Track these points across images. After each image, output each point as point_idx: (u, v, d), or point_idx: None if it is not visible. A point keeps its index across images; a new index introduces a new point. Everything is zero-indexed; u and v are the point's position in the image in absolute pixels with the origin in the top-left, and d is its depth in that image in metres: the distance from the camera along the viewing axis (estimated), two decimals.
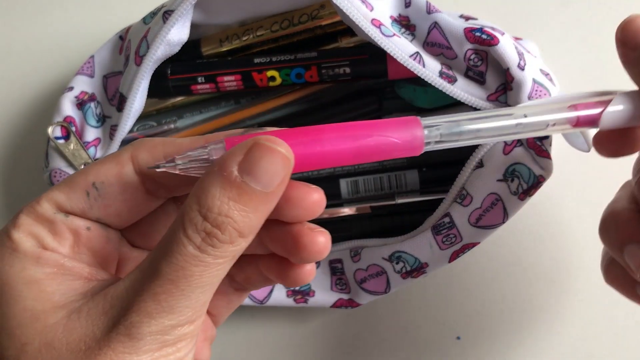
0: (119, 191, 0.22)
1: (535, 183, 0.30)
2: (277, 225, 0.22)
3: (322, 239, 0.22)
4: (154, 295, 0.19)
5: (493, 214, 0.31)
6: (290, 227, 0.22)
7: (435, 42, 0.30)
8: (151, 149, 0.22)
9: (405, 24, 0.32)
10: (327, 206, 0.36)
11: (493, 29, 0.29)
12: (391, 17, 0.31)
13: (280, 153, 0.19)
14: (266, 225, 0.20)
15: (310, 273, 0.24)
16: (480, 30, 0.29)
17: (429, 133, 0.22)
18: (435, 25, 0.30)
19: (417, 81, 0.33)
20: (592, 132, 0.26)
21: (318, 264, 0.37)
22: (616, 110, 0.24)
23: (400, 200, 0.36)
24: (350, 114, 0.36)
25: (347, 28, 0.34)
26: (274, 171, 0.19)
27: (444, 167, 0.36)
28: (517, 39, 0.33)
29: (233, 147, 0.19)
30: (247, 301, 0.36)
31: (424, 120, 0.22)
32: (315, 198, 0.21)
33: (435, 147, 0.22)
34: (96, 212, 0.22)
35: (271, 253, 0.24)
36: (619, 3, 0.41)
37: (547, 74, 0.30)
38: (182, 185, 0.22)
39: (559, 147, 0.30)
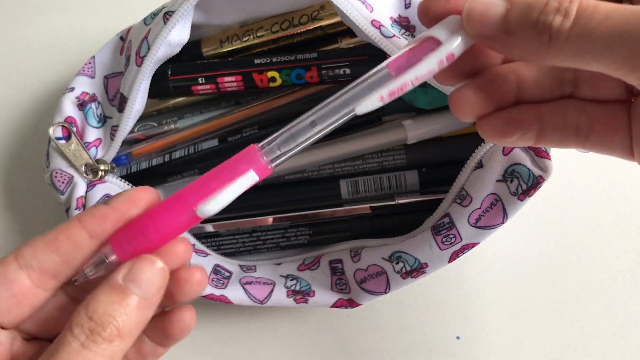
0: (5, 289, 0.23)
1: (535, 184, 0.30)
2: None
3: (197, 274, 0.25)
4: None
5: (492, 214, 0.31)
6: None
7: None
8: (31, 243, 0.23)
9: (405, 24, 0.32)
10: (327, 206, 0.37)
11: None
12: (391, 18, 0.31)
13: (159, 267, 0.23)
14: None
15: (191, 320, 0.26)
16: None
17: (270, 151, 0.23)
18: None
19: None
20: None
21: (318, 264, 0.37)
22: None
23: (400, 201, 0.36)
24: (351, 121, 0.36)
25: (347, 29, 0.34)
26: (153, 280, 0.23)
27: (443, 167, 0.36)
28: None
29: (123, 265, 0.23)
30: (247, 301, 0.36)
31: (260, 144, 0.23)
32: (198, 276, 0.25)
33: (286, 157, 0.23)
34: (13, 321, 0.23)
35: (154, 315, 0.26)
36: None
37: None
38: (65, 266, 0.23)
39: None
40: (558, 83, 0.23)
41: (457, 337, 0.40)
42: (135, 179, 0.36)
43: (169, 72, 0.35)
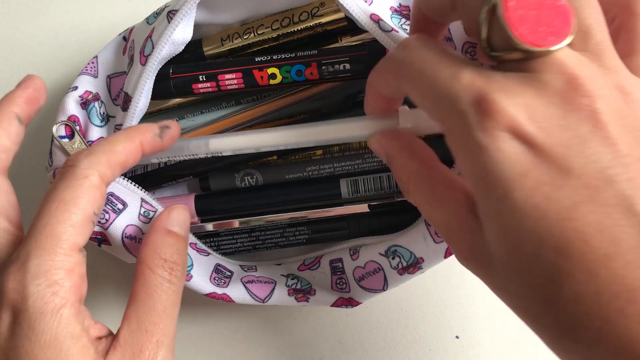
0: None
1: None
2: None
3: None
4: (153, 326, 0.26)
5: None
6: None
7: None
8: (110, 165, 0.27)
9: (406, 13, 0.32)
10: (328, 205, 0.37)
11: None
12: (391, 7, 0.32)
13: (189, 211, 0.31)
14: None
15: None
16: None
17: None
18: None
19: None
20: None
21: (318, 264, 0.38)
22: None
23: (399, 199, 0.36)
24: None
25: (347, 26, 0.35)
26: (185, 218, 0.30)
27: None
28: None
29: (160, 214, 0.30)
30: (248, 300, 0.36)
31: None
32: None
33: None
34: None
35: None
36: None
37: None
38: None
39: None
40: None
41: (457, 337, 0.40)
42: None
43: (170, 72, 0.35)
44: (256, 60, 0.34)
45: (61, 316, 0.23)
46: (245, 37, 0.36)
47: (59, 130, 0.34)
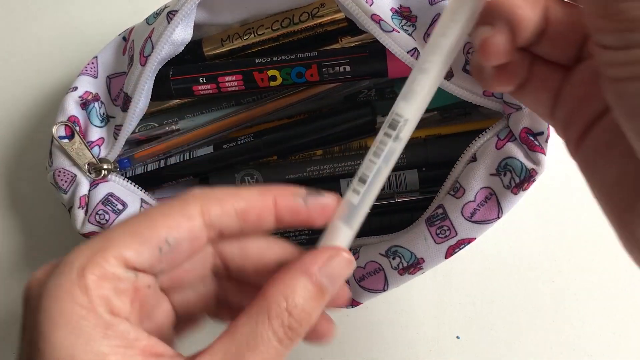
0: (189, 246, 0.22)
1: (528, 177, 0.30)
2: None
3: (325, 323, 0.24)
4: None
5: (487, 208, 0.31)
6: None
7: None
8: (221, 203, 0.22)
9: (406, 14, 0.32)
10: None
11: None
12: (392, 9, 0.32)
13: (352, 265, 0.23)
14: None
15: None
16: None
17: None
18: (440, 16, 0.31)
19: None
20: None
21: None
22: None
23: (399, 199, 0.36)
24: (344, 125, 0.36)
25: (347, 27, 0.35)
26: (343, 274, 0.23)
27: (443, 167, 0.36)
28: None
29: (316, 252, 0.22)
30: None
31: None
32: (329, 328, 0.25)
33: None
34: (163, 265, 0.22)
35: None
36: None
37: None
38: (238, 234, 0.23)
39: (559, 146, 0.31)
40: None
41: (457, 337, 0.40)
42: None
43: (171, 73, 0.35)
44: (256, 62, 0.34)
45: None
46: (245, 38, 0.36)
47: (58, 130, 0.34)
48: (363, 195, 0.23)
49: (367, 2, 0.30)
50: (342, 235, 0.23)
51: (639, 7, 0.16)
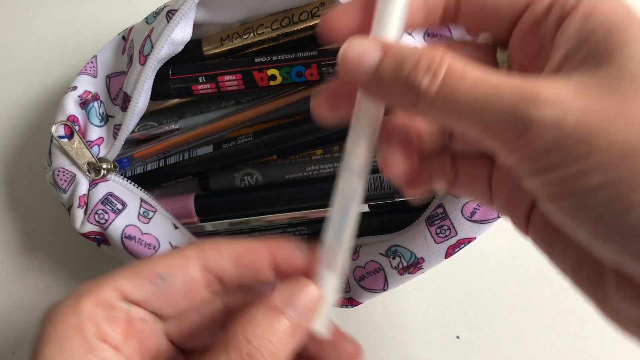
0: (183, 284, 0.23)
1: None
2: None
3: (351, 348, 0.25)
4: None
5: (488, 208, 0.31)
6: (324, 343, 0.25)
7: (436, 32, 0.31)
8: (217, 247, 0.24)
9: None
10: (328, 205, 0.37)
11: None
12: None
13: (317, 292, 0.23)
14: None
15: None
16: None
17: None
18: None
19: None
20: None
21: None
22: None
23: (399, 199, 0.36)
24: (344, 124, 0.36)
25: None
26: (310, 306, 0.22)
27: None
28: None
29: (280, 286, 0.23)
30: None
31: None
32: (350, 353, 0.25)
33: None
34: (156, 301, 0.23)
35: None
36: None
37: None
38: (236, 282, 0.24)
39: None
40: (441, 134, 0.24)
41: (457, 337, 0.40)
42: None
43: (170, 73, 0.35)
44: (256, 61, 0.34)
45: None
46: (244, 37, 0.36)
47: (58, 130, 0.34)
48: (337, 237, 0.23)
49: None
50: (326, 280, 0.23)
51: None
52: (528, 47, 0.21)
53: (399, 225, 0.35)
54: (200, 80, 0.34)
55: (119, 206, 0.34)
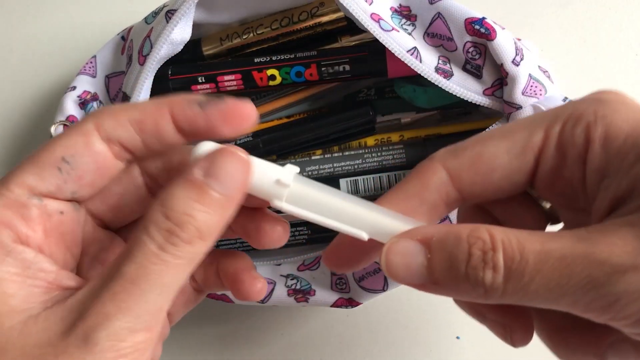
0: (90, 161, 0.21)
1: None
2: (242, 209, 0.22)
3: (280, 229, 0.23)
4: (112, 296, 0.19)
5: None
6: (254, 212, 0.23)
7: (436, 33, 0.31)
8: (115, 115, 0.22)
9: (406, 14, 0.32)
10: None
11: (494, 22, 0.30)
12: (391, 8, 0.31)
13: (242, 160, 0.20)
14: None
15: (261, 290, 0.25)
16: (480, 22, 0.29)
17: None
18: (439, 15, 0.30)
19: (417, 81, 0.33)
20: None
21: (318, 264, 0.37)
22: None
23: None
24: (343, 125, 0.36)
25: (346, 26, 0.35)
26: (236, 176, 0.20)
27: None
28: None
29: (203, 156, 0.20)
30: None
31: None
32: (280, 232, 0.23)
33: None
34: (70, 186, 0.21)
35: (230, 257, 0.25)
36: (617, 4, 0.42)
37: (545, 71, 0.30)
38: (144, 148, 0.22)
39: None
40: None
41: (457, 337, 0.40)
42: None
43: (169, 73, 0.35)
44: (255, 61, 0.34)
45: None
46: (244, 37, 0.35)
47: (57, 130, 0.34)
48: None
49: (366, 1, 0.30)
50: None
51: None
52: (559, 191, 0.21)
53: None
54: (200, 80, 0.34)
55: None
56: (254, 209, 0.23)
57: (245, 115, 0.21)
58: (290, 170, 0.21)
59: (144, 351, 0.20)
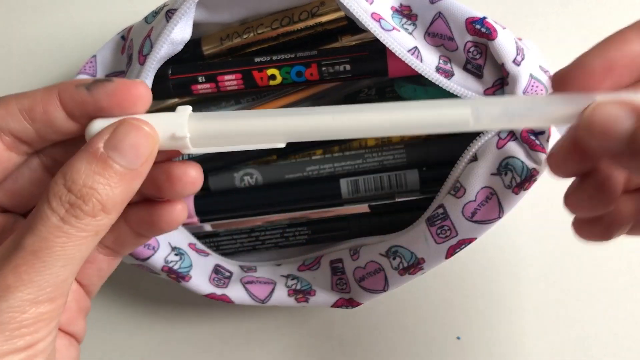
0: None
1: (529, 176, 0.30)
2: None
3: (193, 171, 0.23)
4: (14, 268, 0.19)
5: (488, 208, 0.31)
6: (161, 163, 0.23)
7: (437, 32, 0.31)
8: (4, 104, 0.21)
9: (406, 13, 0.32)
10: (328, 206, 0.37)
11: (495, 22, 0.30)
12: (392, 7, 0.31)
13: (145, 131, 0.20)
14: None
15: (182, 212, 0.24)
16: (481, 22, 0.29)
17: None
18: (440, 15, 0.30)
19: (418, 80, 0.33)
20: None
21: (318, 264, 0.37)
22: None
23: (399, 199, 0.36)
24: None
25: (347, 26, 0.35)
26: (139, 148, 0.20)
27: (444, 166, 0.36)
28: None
29: (102, 128, 0.20)
30: (248, 300, 0.36)
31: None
32: (193, 174, 0.23)
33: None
34: None
35: (139, 203, 0.24)
36: (619, 3, 0.42)
37: (546, 71, 0.30)
38: (39, 138, 0.22)
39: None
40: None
41: (458, 337, 0.40)
42: None
43: (169, 72, 0.35)
44: (256, 61, 0.34)
45: None
46: (244, 37, 0.35)
47: None
48: None
49: (367, 1, 0.30)
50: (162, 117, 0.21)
51: None
52: None
53: (399, 225, 0.35)
54: (200, 80, 0.34)
55: None
56: (162, 162, 0.23)
57: (135, 94, 0.21)
58: (182, 116, 0.21)
59: (49, 321, 0.20)
